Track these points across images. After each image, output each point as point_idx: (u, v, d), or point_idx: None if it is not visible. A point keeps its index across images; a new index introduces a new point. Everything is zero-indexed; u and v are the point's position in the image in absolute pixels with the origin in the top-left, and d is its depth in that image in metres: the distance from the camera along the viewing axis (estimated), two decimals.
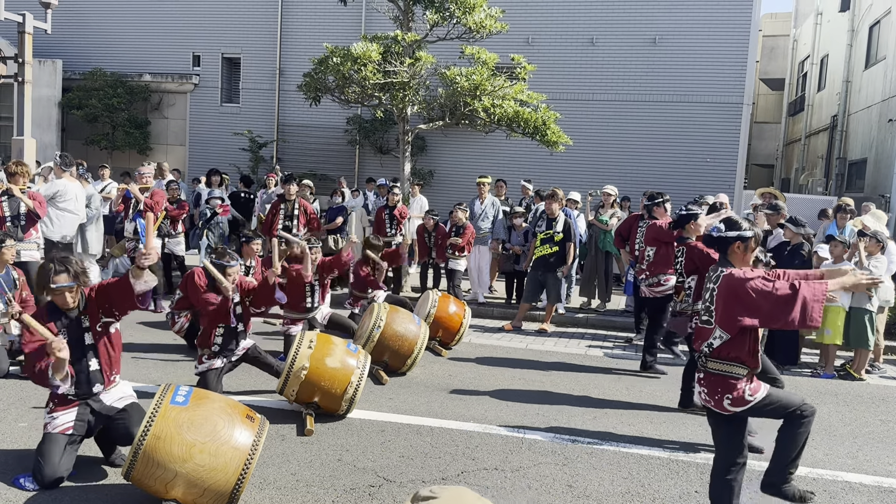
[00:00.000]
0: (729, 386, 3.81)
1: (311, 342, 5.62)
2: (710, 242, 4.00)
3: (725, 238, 3.88)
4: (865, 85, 17.49)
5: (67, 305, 4.34)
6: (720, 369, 3.83)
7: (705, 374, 3.89)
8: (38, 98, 16.38)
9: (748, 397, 3.81)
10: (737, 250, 3.87)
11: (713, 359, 3.84)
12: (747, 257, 3.89)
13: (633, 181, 14.77)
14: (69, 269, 4.31)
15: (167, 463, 3.76)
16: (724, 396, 3.82)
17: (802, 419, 3.92)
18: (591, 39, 15.90)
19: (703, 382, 3.92)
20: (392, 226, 10.76)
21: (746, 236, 3.85)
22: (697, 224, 6.56)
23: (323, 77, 11.05)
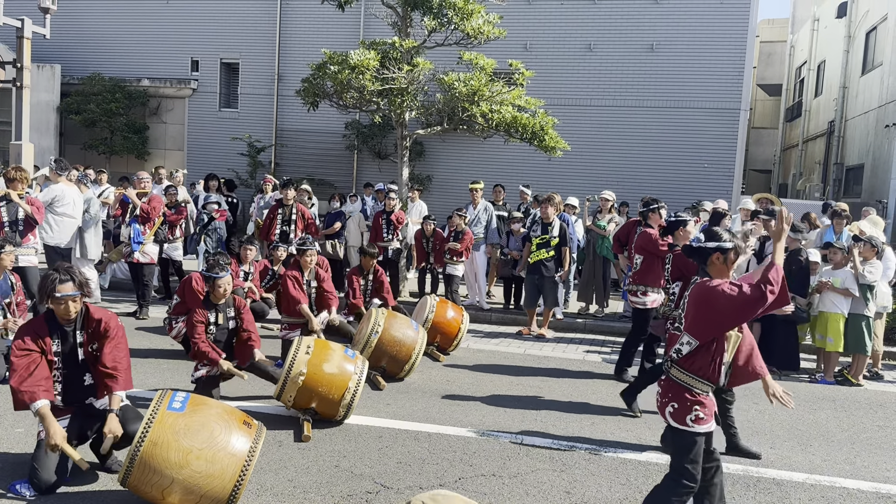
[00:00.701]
0: (681, 397, 3.70)
1: (309, 347, 5.61)
2: (689, 253, 3.95)
3: (705, 249, 3.82)
4: (862, 91, 17.54)
5: (69, 315, 4.33)
6: (682, 379, 3.72)
7: (666, 379, 3.81)
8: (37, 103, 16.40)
9: (689, 421, 3.66)
10: (716, 261, 3.80)
11: (677, 367, 3.75)
12: (727, 269, 3.81)
13: (630, 186, 14.79)
14: (74, 278, 4.31)
15: (164, 469, 3.75)
16: (670, 403, 3.71)
17: (682, 491, 3.68)
18: (589, 45, 15.94)
19: (661, 384, 3.86)
20: (389, 231, 10.77)
21: (726, 248, 3.78)
22: (686, 231, 6.55)
23: (321, 82, 11.06)
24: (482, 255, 10.89)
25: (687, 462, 3.67)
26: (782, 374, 7.99)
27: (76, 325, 4.41)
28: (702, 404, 3.69)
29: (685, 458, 3.67)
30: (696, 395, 3.70)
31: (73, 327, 4.40)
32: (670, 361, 3.81)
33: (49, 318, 4.39)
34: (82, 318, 4.43)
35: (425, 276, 10.77)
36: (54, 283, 4.26)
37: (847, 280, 7.81)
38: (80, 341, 4.41)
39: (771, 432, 6.01)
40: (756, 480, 4.93)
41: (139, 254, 9.17)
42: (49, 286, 4.26)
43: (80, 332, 4.41)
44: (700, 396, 3.70)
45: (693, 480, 3.67)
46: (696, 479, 3.68)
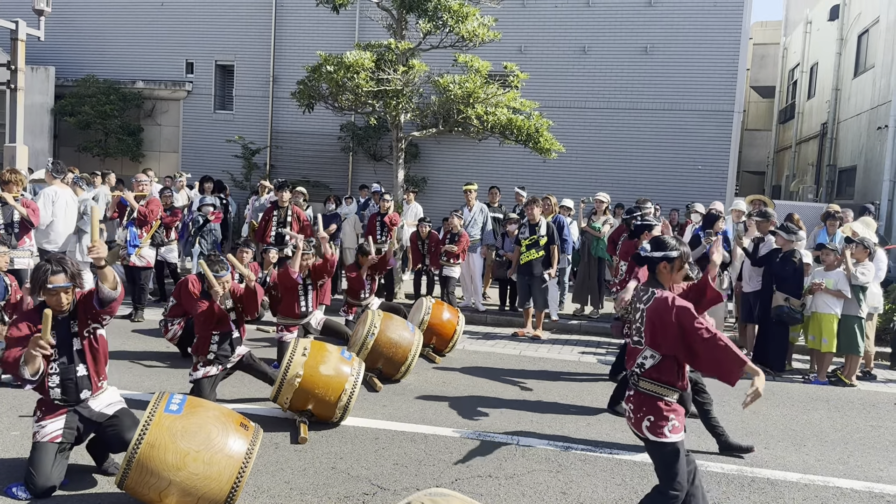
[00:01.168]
0: (655, 409, 3.70)
1: (305, 349, 5.63)
2: (638, 261, 3.96)
3: (652, 258, 3.85)
4: (855, 93, 17.63)
5: (61, 307, 4.32)
6: (651, 390, 3.73)
7: (636, 392, 3.80)
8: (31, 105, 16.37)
9: (667, 432, 3.67)
10: (663, 270, 3.83)
11: (645, 378, 3.76)
12: (674, 277, 3.86)
13: (625, 188, 14.85)
14: (66, 269, 4.29)
15: (161, 471, 3.76)
16: (646, 417, 3.71)
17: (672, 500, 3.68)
18: (584, 48, 16.00)
19: (631, 400, 3.83)
20: (383, 232, 10.79)
21: (672, 256, 3.81)
22: (652, 235, 6.54)
23: (316, 84, 11.07)
24: (478, 257, 10.91)
25: (673, 472, 3.68)
26: (775, 376, 8.03)
27: (70, 316, 4.41)
28: (676, 412, 3.71)
29: (671, 468, 3.69)
30: (669, 404, 3.71)
31: (67, 318, 4.40)
32: (636, 375, 3.80)
33: (43, 308, 4.38)
34: (75, 307, 4.41)
35: (421, 278, 10.79)
36: (46, 273, 4.24)
37: (840, 281, 7.85)
38: (74, 331, 4.40)
39: (765, 432, 6.04)
40: (750, 480, 4.96)
41: (135, 257, 9.15)
42: (41, 277, 4.24)
43: (74, 322, 4.40)
44: (673, 405, 3.72)
45: (680, 489, 3.69)
46: (683, 487, 3.70)
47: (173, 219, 9.98)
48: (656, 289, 3.81)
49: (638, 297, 3.92)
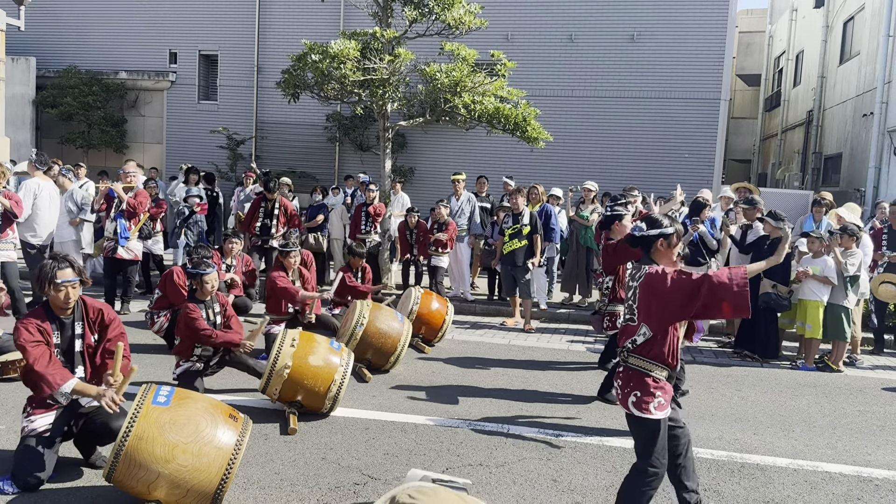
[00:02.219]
0: (642, 385, 3.71)
1: (294, 340, 5.59)
2: (633, 242, 3.96)
3: (648, 237, 3.87)
4: (840, 80, 17.71)
5: (68, 303, 4.30)
6: (640, 366, 3.74)
7: (624, 368, 3.82)
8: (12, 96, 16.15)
9: (652, 408, 3.67)
10: (660, 248, 3.86)
11: (635, 355, 3.77)
12: (671, 253, 3.89)
13: (612, 177, 14.85)
14: (73, 265, 4.31)
15: (149, 464, 3.72)
16: (632, 392, 3.72)
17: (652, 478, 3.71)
18: (570, 36, 15.96)
19: (619, 376, 3.85)
20: (368, 223, 10.75)
21: (668, 233, 3.85)
22: (622, 225, 6.49)
23: (301, 74, 10.97)
24: (466, 247, 10.89)
25: (653, 448, 3.70)
26: (764, 363, 8.08)
27: (74, 316, 4.36)
28: (663, 390, 3.73)
29: (652, 445, 3.70)
30: (657, 381, 3.72)
31: (72, 318, 4.36)
32: (626, 351, 3.81)
33: (47, 308, 4.34)
34: (80, 309, 4.40)
35: (409, 269, 10.75)
36: (54, 269, 4.24)
37: (826, 268, 7.89)
38: (78, 332, 4.37)
39: (754, 419, 6.07)
40: (740, 466, 4.98)
41: (123, 250, 9.02)
42: (49, 273, 4.24)
43: (79, 324, 4.38)
44: (661, 382, 3.73)
45: (659, 465, 3.71)
46: (662, 464, 3.72)
47: (159, 210, 9.89)
48: (650, 265, 3.83)
49: (630, 277, 3.94)
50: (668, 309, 3.67)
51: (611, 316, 6.41)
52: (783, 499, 4.49)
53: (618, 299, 6.37)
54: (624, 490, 3.80)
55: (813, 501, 4.47)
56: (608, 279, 6.45)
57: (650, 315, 3.74)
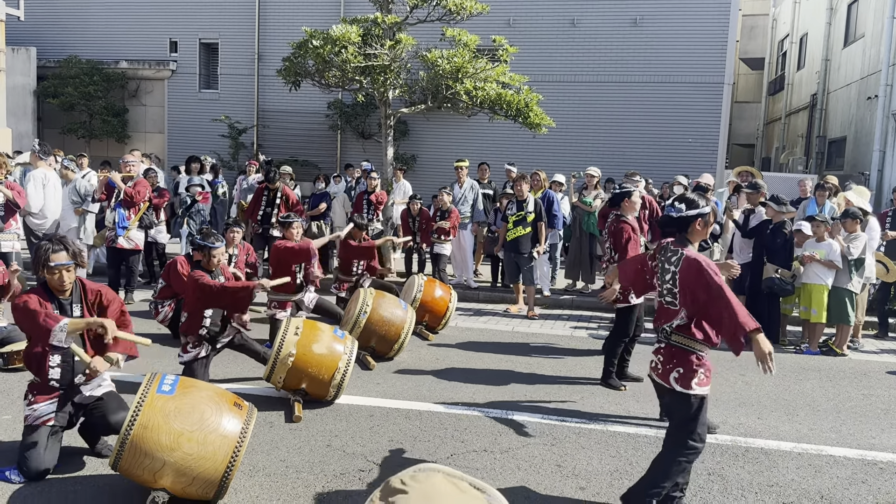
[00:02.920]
0: (686, 362, 3.80)
1: (298, 329, 5.59)
2: (670, 223, 3.98)
3: (686, 217, 3.91)
4: (844, 63, 17.59)
5: (63, 285, 4.30)
6: (683, 343, 3.82)
7: (666, 345, 3.89)
8: (13, 87, 16.13)
9: (694, 384, 3.75)
10: (698, 227, 3.92)
11: (677, 332, 3.85)
12: (705, 232, 3.97)
13: (615, 162, 14.81)
14: (67, 247, 4.28)
15: (155, 452, 3.73)
16: (675, 369, 3.80)
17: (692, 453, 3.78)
18: (572, 21, 15.87)
19: (660, 352, 3.92)
20: (370, 211, 10.72)
21: (705, 213, 3.92)
22: (632, 201, 6.51)
23: (302, 61, 10.93)
24: (469, 234, 10.87)
25: (695, 424, 3.77)
26: None
27: (72, 298, 4.37)
28: (705, 367, 3.81)
29: (694, 420, 3.77)
30: (700, 358, 3.81)
31: (70, 300, 4.36)
32: (667, 330, 3.88)
33: (45, 290, 4.35)
34: (79, 291, 4.41)
35: (412, 256, 10.75)
36: (48, 252, 4.23)
37: (831, 252, 7.87)
38: (77, 315, 4.37)
39: (758, 403, 6.08)
40: (744, 450, 4.98)
41: (123, 239, 9.03)
42: (43, 255, 4.23)
43: (77, 306, 4.38)
44: (703, 360, 3.82)
45: (701, 441, 3.79)
46: (703, 440, 3.79)
47: (161, 200, 9.88)
48: (684, 247, 3.85)
49: (665, 258, 3.94)
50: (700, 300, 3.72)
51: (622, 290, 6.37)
52: (787, 482, 4.49)
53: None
54: (660, 460, 3.85)
55: (817, 485, 4.47)
56: (616, 255, 6.41)
57: (686, 300, 3.78)
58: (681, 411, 3.83)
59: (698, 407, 3.78)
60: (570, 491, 4.28)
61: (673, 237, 3.98)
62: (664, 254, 3.97)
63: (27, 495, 4.00)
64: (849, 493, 4.38)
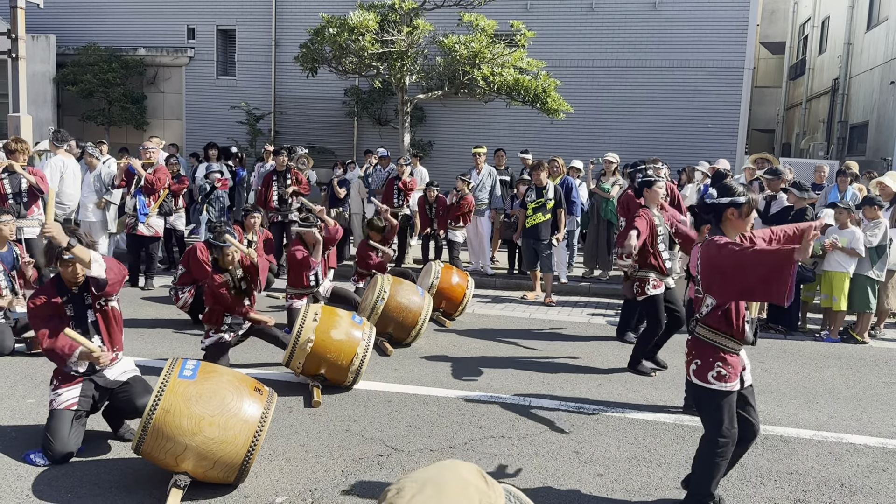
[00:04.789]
0: (704, 354, 3.69)
1: (316, 315, 5.62)
2: (703, 209, 3.86)
3: (718, 205, 3.72)
4: (867, 47, 17.30)
5: (76, 278, 4.34)
6: (704, 335, 3.72)
7: (693, 338, 3.81)
8: (33, 74, 16.23)
9: (710, 378, 3.65)
10: (730, 217, 3.71)
11: (702, 325, 3.75)
12: (742, 224, 3.73)
13: (634, 148, 14.67)
14: (81, 240, 4.28)
15: (177, 436, 3.78)
16: (693, 360, 3.73)
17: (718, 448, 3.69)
18: (591, 5, 15.72)
19: (688, 344, 3.85)
20: (399, 197, 10.70)
21: (740, 202, 3.67)
22: (654, 191, 6.40)
23: (320, 47, 10.93)
24: (486, 221, 10.84)
25: (715, 418, 3.68)
26: (788, 334, 8.01)
27: (83, 288, 4.42)
28: (724, 361, 3.67)
29: (713, 414, 3.69)
30: (719, 351, 3.68)
31: (81, 290, 4.41)
32: (696, 321, 3.80)
33: (58, 282, 4.39)
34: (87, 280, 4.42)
35: (429, 243, 10.75)
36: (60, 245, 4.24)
37: (854, 240, 7.78)
38: (88, 303, 4.42)
39: (777, 390, 6.04)
40: (763, 438, 4.95)
41: (143, 226, 9.10)
42: (56, 248, 4.25)
43: (87, 294, 4.42)
44: (724, 353, 3.68)
45: (725, 436, 3.67)
46: (728, 434, 3.68)
47: (180, 186, 9.94)
48: (715, 235, 3.68)
49: (699, 247, 3.84)
50: (722, 279, 3.53)
51: (640, 282, 6.34)
52: (807, 470, 4.47)
53: (648, 265, 6.30)
54: (697, 461, 3.81)
55: (837, 473, 4.45)
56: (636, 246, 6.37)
57: (711, 286, 3.65)
58: (701, 405, 3.78)
59: (719, 401, 3.66)
60: (587, 477, 4.29)
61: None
62: (700, 244, 3.85)
63: (52, 478, 4.06)
64: (869, 482, 4.35)
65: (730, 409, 3.70)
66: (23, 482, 4.00)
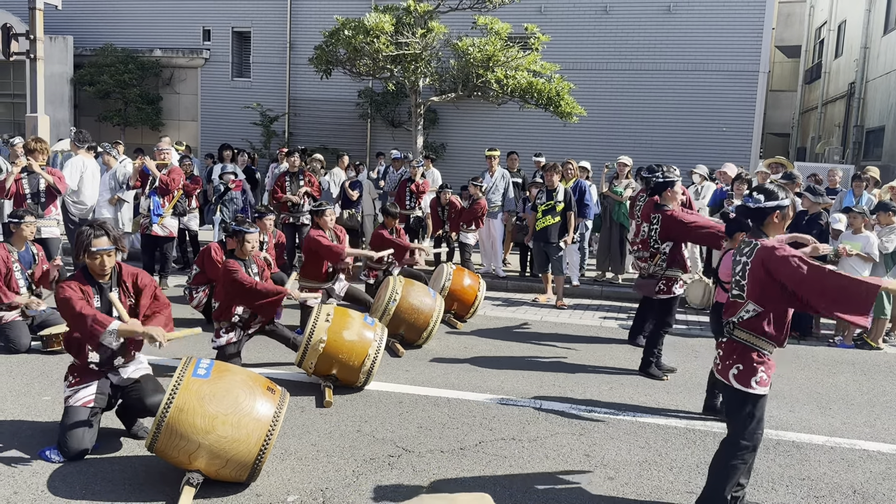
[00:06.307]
0: (746, 359, 3.68)
1: (329, 315, 5.65)
2: (745, 214, 3.82)
3: (764, 209, 3.72)
4: (884, 51, 17.18)
5: (104, 270, 4.39)
6: (745, 339, 3.69)
7: (728, 340, 3.77)
8: (51, 75, 16.40)
9: (753, 383, 3.64)
10: (775, 220, 3.73)
11: (741, 328, 3.71)
12: (783, 226, 3.78)
13: (647, 151, 14.66)
14: (108, 233, 4.37)
15: (190, 434, 3.81)
16: (734, 365, 3.70)
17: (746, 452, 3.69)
18: (605, 8, 15.70)
19: (722, 347, 3.82)
20: (412, 199, 10.73)
21: (784, 205, 3.71)
22: (674, 191, 6.45)
23: (334, 49, 10.98)
24: (499, 223, 10.84)
25: (750, 423, 3.67)
26: (801, 339, 7.97)
27: (112, 282, 4.46)
28: (766, 365, 3.68)
29: (750, 419, 3.67)
30: (762, 356, 3.68)
31: (110, 284, 4.46)
32: (732, 324, 3.76)
33: (85, 274, 4.44)
34: (117, 275, 4.49)
35: (441, 245, 10.76)
36: (89, 237, 4.31)
37: (868, 245, 7.73)
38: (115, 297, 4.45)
39: (790, 396, 6.01)
40: (775, 443, 4.94)
41: (158, 227, 9.17)
42: (85, 240, 4.31)
43: (116, 289, 4.47)
44: (765, 357, 3.68)
45: (752, 440, 3.68)
46: (758, 440, 3.69)
47: (194, 187, 10.01)
48: (759, 238, 3.69)
49: (738, 250, 3.81)
50: (781, 291, 3.54)
51: (667, 280, 6.33)
52: (819, 476, 4.45)
53: (678, 264, 6.30)
54: (714, 464, 3.79)
55: (850, 479, 4.42)
56: (665, 245, 6.35)
57: (756, 292, 3.63)
58: (737, 409, 3.73)
59: (755, 406, 3.67)
60: (598, 481, 4.29)
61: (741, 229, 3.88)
62: (739, 249, 3.82)
63: (66, 474, 4.11)
64: (882, 488, 4.33)
65: (761, 412, 3.70)
66: (38, 478, 4.05)
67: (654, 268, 6.38)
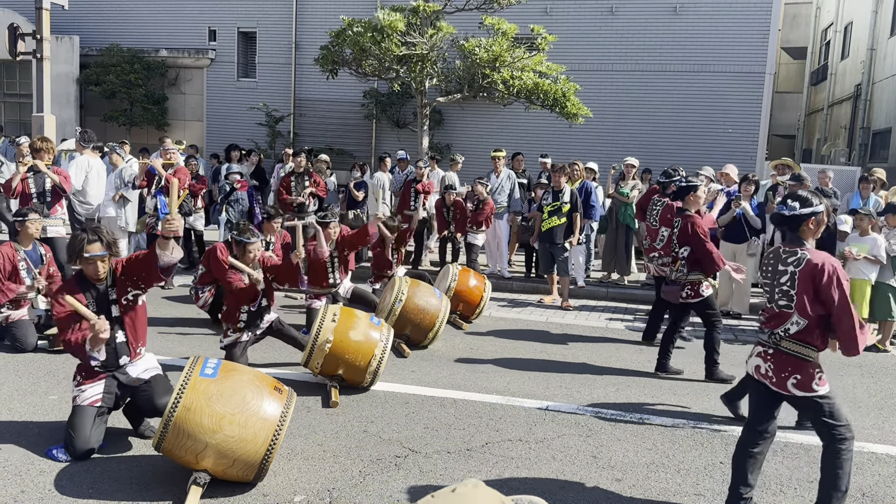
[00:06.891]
0: (801, 367, 3.71)
1: (335, 315, 5.65)
2: (780, 222, 3.82)
3: (799, 216, 3.74)
4: (891, 52, 17.12)
5: (98, 275, 4.38)
6: (795, 350, 3.72)
7: (776, 351, 3.78)
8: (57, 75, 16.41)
9: (815, 386, 3.69)
10: (810, 226, 3.75)
11: (791, 340, 3.73)
12: (818, 231, 3.80)
13: (653, 153, 14.61)
14: (102, 238, 4.35)
15: (197, 434, 3.81)
16: (791, 376, 3.71)
17: (848, 444, 3.73)
18: (611, 9, 15.67)
19: (769, 358, 3.80)
20: (416, 200, 10.73)
21: (819, 211, 3.73)
22: (697, 196, 6.43)
23: (340, 50, 10.98)
24: (505, 224, 10.84)
25: (835, 414, 3.70)
26: None
27: (108, 283, 4.46)
28: (819, 367, 3.74)
29: (833, 413, 3.70)
30: (813, 361, 3.73)
31: (105, 285, 4.46)
32: (778, 336, 3.77)
33: (81, 278, 4.44)
34: (112, 276, 4.48)
35: (446, 246, 10.76)
36: (83, 243, 4.31)
37: (875, 247, 7.70)
38: (112, 298, 4.46)
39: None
40: (783, 446, 4.92)
41: None
42: (78, 246, 4.31)
43: (112, 290, 4.46)
44: (815, 361, 3.73)
45: (848, 429, 3.71)
46: (847, 426, 3.71)
47: (200, 187, 10.03)
48: (802, 248, 3.73)
49: (779, 259, 3.80)
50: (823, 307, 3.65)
51: (692, 285, 6.32)
52: None
53: (699, 267, 6.28)
54: (832, 468, 3.77)
55: (858, 482, 4.40)
56: (683, 250, 6.34)
57: (804, 305, 3.67)
58: (812, 413, 3.76)
59: (830, 402, 3.71)
60: (605, 482, 4.27)
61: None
62: (777, 256, 3.82)
63: (73, 474, 4.11)
64: (891, 491, 4.31)
65: (836, 405, 3.73)
66: (45, 477, 4.05)
67: (675, 273, 6.36)
